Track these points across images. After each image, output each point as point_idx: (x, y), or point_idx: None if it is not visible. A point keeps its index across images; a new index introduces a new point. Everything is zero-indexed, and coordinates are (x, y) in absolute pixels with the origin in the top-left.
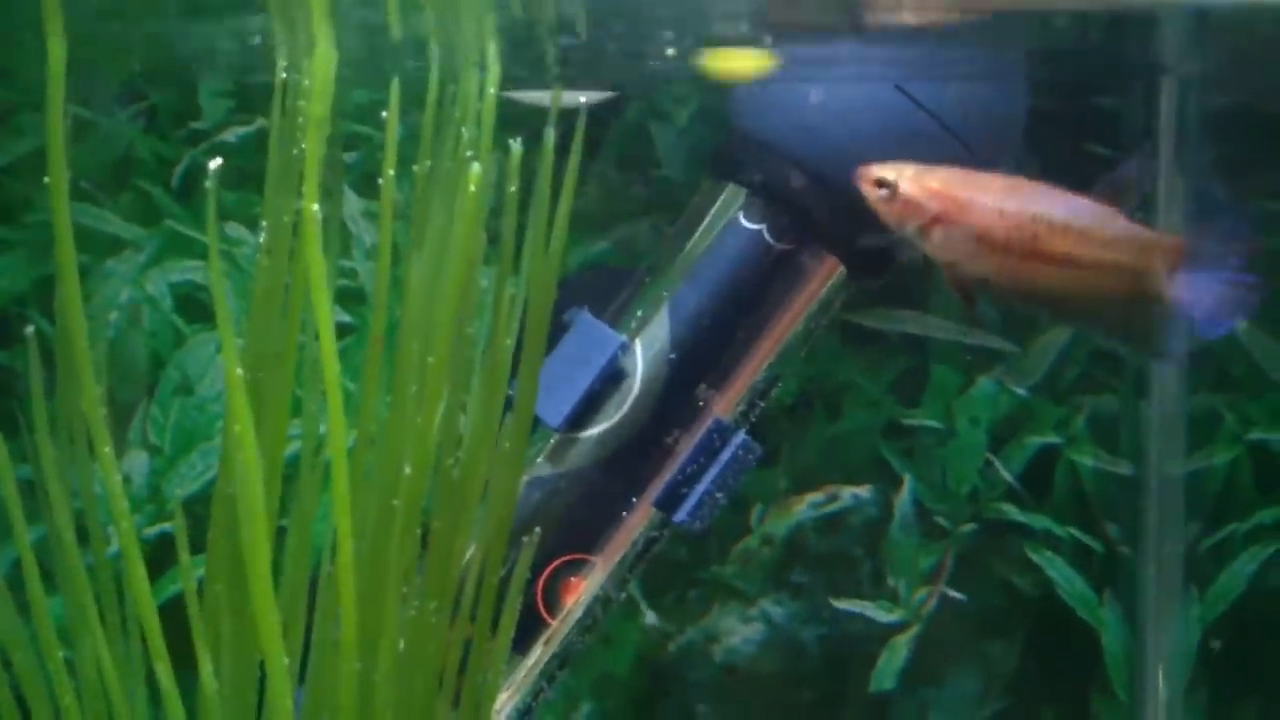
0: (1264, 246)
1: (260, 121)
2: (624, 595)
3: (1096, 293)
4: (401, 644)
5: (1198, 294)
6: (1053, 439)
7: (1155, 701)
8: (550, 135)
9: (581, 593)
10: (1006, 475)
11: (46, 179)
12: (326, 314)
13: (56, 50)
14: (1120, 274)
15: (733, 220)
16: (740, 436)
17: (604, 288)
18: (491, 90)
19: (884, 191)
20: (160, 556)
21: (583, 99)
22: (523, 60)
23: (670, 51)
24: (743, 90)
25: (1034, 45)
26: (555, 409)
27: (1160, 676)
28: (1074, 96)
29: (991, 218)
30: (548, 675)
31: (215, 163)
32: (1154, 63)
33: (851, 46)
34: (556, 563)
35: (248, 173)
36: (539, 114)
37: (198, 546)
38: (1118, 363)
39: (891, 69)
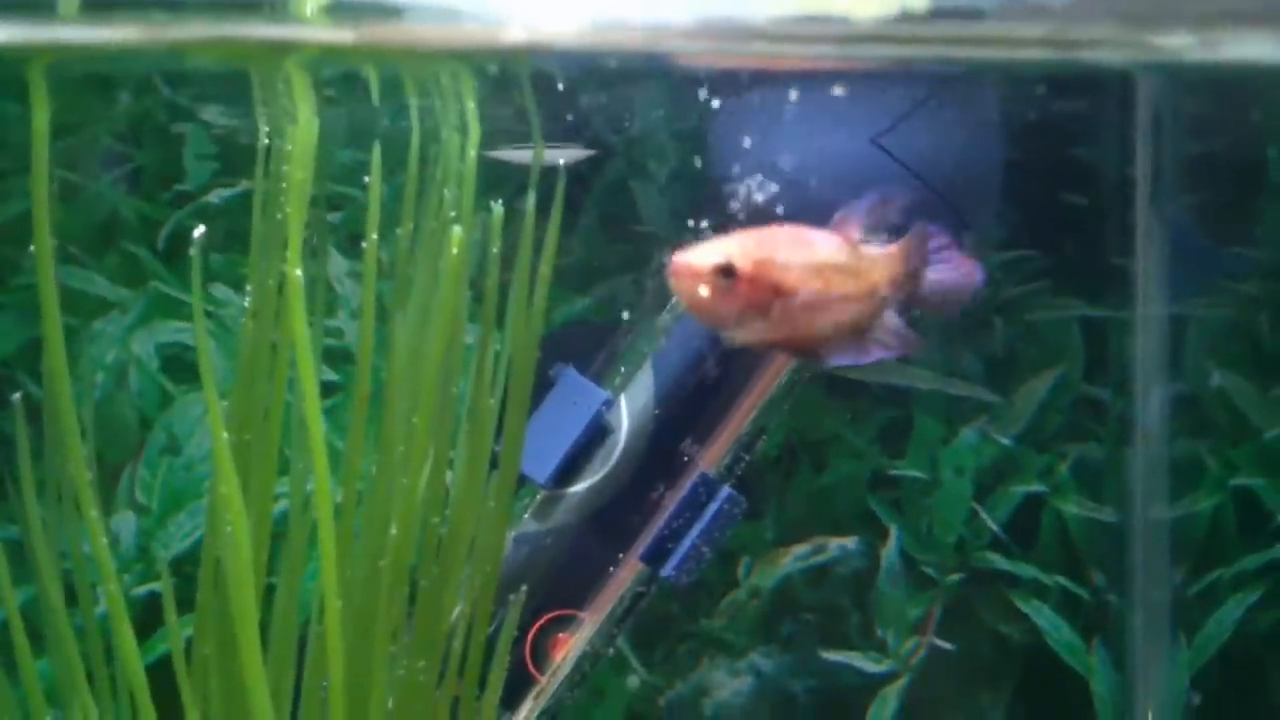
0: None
1: (244, 183)
2: (612, 650)
3: (866, 315)
4: (390, 703)
5: (929, 284)
6: (1037, 487)
7: None
8: (531, 196)
9: (570, 648)
10: (992, 524)
11: (32, 248)
12: (312, 378)
13: (41, 117)
14: (872, 294)
15: None
16: (726, 490)
17: (588, 344)
18: (472, 152)
19: (725, 281)
20: (149, 616)
21: (562, 158)
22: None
23: None
24: (720, 144)
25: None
26: (541, 465)
27: None
28: (1050, 146)
29: (809, 276)
30: None
31: (199, 230)
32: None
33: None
34: (544, 619)
35: (233, 234)
36: (521, 172)
37: (187, 606)
38: (1101, 410)
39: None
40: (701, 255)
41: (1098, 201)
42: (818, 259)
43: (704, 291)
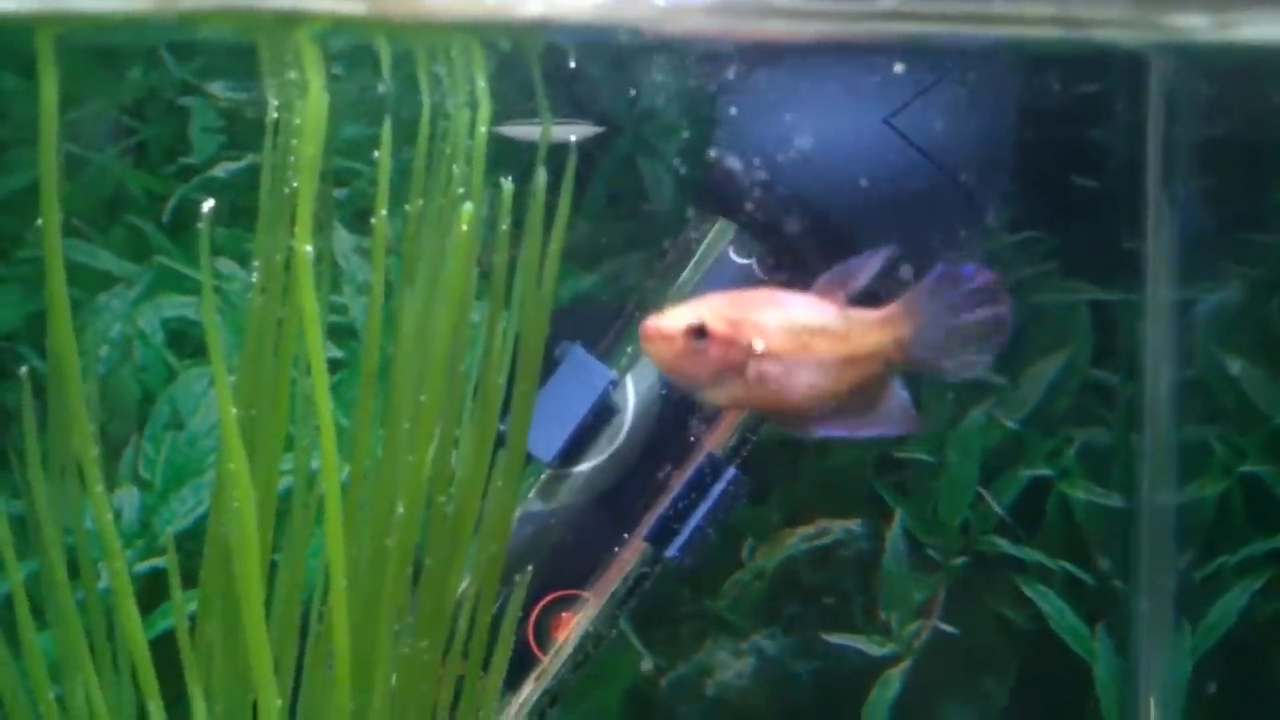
0: (1004, 279)
1: (250, 157)
2: (615, 630)
3: (860, 384)
4: (394, 680)
5: (946, 344)
6: (1044, 471)
7: None
8: (541, 173)
9: (573, 628)
10: (998, 508)
11: (40, 221)
12: (320, 354)
13: (49, 87)
14: (870, 357)
15: (722, 255)
16: (731, 471)
17: (595, 323)
18: (482, 128)
19: (697, 343)
20: (152, 591)
21: (572, 135)
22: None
23: None
24: (730, 124)
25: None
26: (547, 444)
27: (1152, 708)
28: (1061, 128)
29: (784, 337)
30: (539, 711)
31: (208, 204)
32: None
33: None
34: (548, 599)
35: (239, 208)
36: (529, 149)
37: (189, 581)
38: (1109, 395)
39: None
40: (673, 318)
41: (1108, 184)
42: (794, 320)
43: (676, 353)
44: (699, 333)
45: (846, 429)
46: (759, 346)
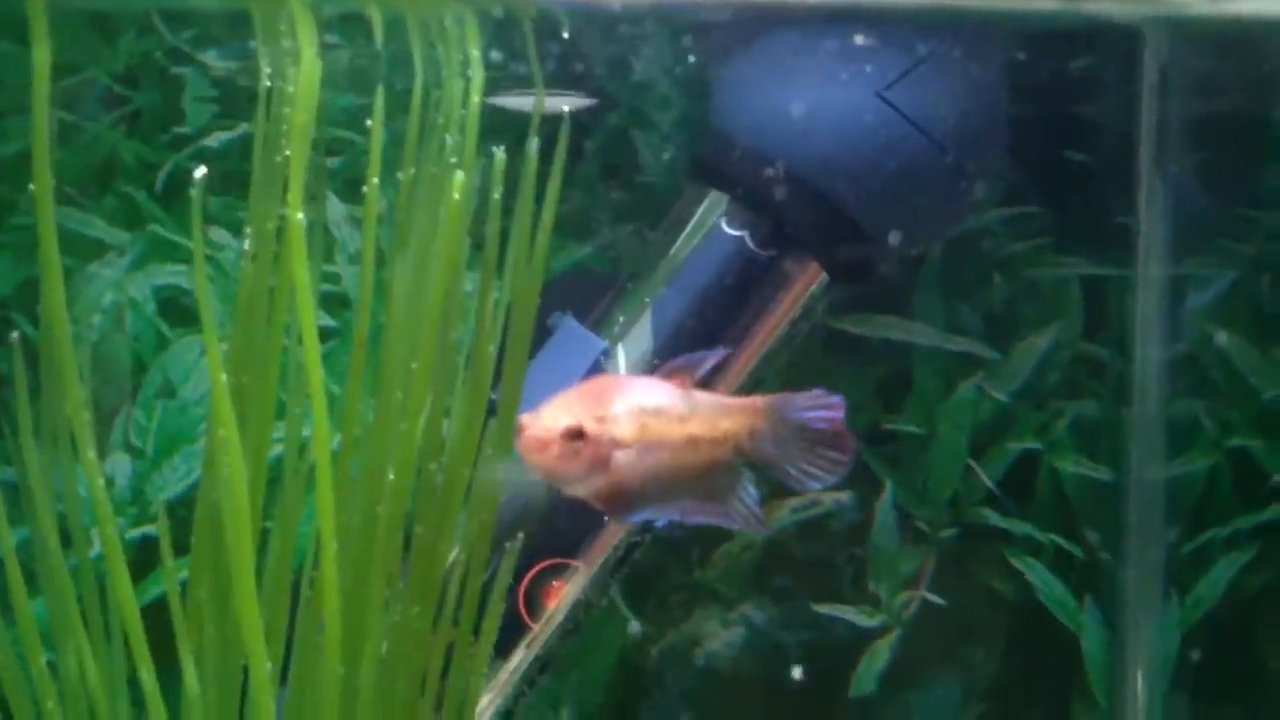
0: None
1: (244, 126)
2: (606, 600)
3: (708, 468)
4: (385, 647)
5: (798, 450)
6: (1033, 445)
7: (1134, 706)
8: (534, 142)
9: (563, 597)
10: (987, 481)
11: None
12: (311, 321)
13: (41, 53)
14: (724, 443)
15: (715, 226)
16: None
17: (587, 293)
18: (475, 97)
19: (576, 443)
20: (143, 559)
21: (565, 106)
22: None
23: None
24: (726, 96)
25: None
26: None
27: (1140, 681)
28: (1054, 102)
29: (648, 424)
30: (529, 679)
31: (200, 171)
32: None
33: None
34: (539, 567)
35: (231, 177)
36: (522, 120)
37: (181, 549)
38: (1099, 369)
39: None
40: (547, 420)
41: (1101, 159)
42: (651, 407)
43: (554, 457)
44: (575, 435)
45: (715, 517)
46: (624, 437)
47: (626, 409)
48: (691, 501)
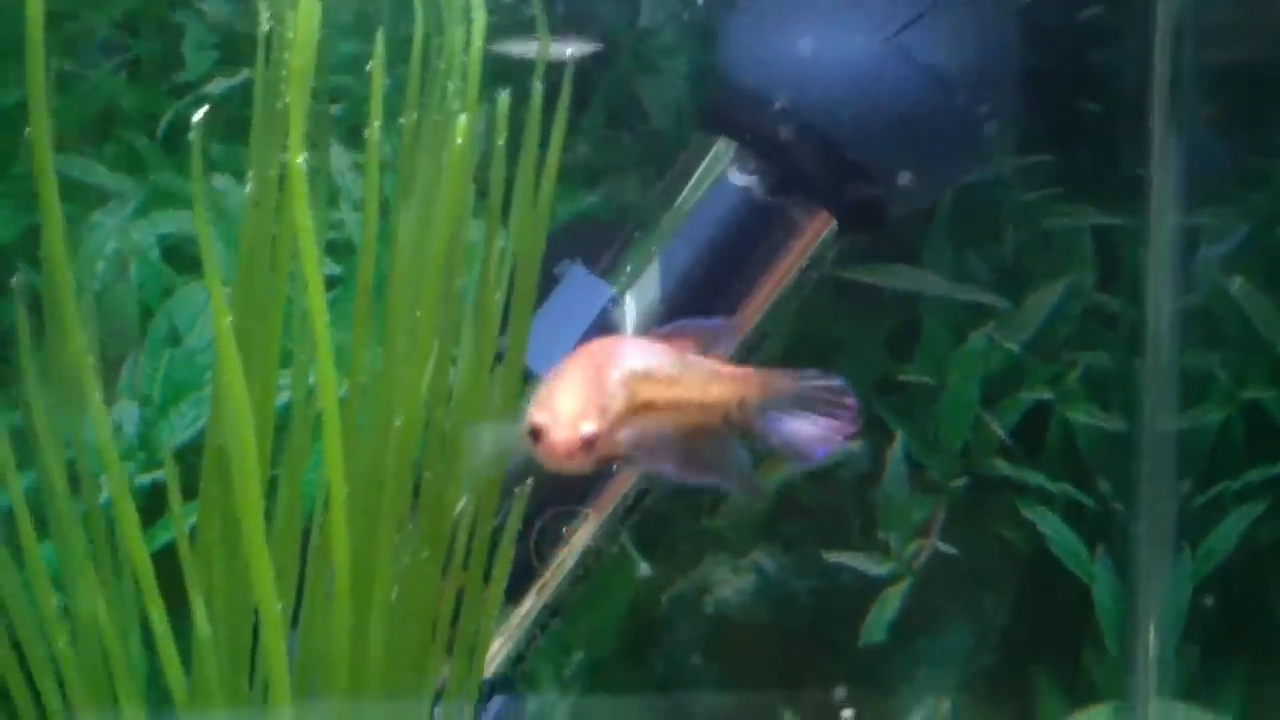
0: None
1: (245, 73)
2: (616, 546)
3: (694, 432)
4: (394, 593)
5: (788, 425)
6: (1046, 395)
7: (1146, 657)
8: (538, 86)
9: (574, 543)
10: (999, 431)
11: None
12: (315, 265)
13: (34, 3)
14: (712, 410)
15: (723, 174)
16: None
17: (594, 242)
18: (478, 41)
19: (592, 447)
20: (152, 505)
21: (569, 51)
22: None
23: None
24: (733, 41)
25: None
26: (546, 360)
27: (1151, 632)
28: (1067, 51)
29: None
30: (540, 624)
31: (200, 113)
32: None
33: None
34: (548, 514)
35: (234, 124)
36: (525, 66)
37: (190, 495)
38: (1112, 320)
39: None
40: (564, 427)
41: (1114, 108)
42: (651, 373)
43: (576, 463)
44: (593, 442)
45: (680, 474)
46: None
47: (620, 379)
48: (680, 463)
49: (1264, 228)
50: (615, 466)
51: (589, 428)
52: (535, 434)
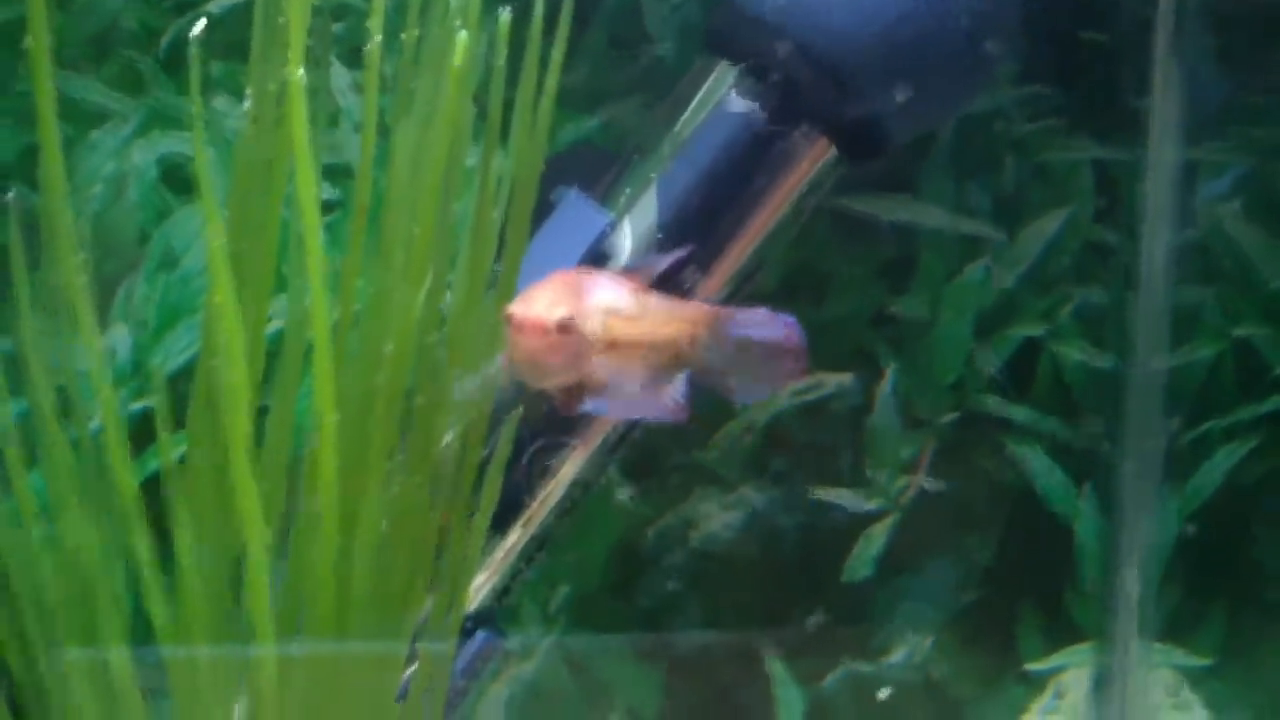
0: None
1: None
2: (604, 479)
3: (650, 371)
4: (384, 524)
5: (737, 362)
6: (1037, 331)
7: (1126, 596)
8: (539, 4)
9: (561, 476)
10: (992, 366)
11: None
12: (310, 183)
13: None
14: (666, 349)
15: (723, 99)
16: None
17: (592, 167)
18: None
19: (566, 335)
20: (144, 431)
21: None
22: None
23: None
24: None
25: None
26: None
27: (1134, 572)
28: None
29: (618, 323)
30: (526, 556)
31: (198, 26)
32: None
33: None
34: (536, 445)
35: (235, 44)
36: None
37: (183, 423)
38: (1107, 254)
39: None
40: (540, 306)
41: (1116, 39)
42: (617, 306)
43: (546, 346)
44: (567, 327)
45: (623, 409)
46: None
47: (596, 305)
48: (626, 398)
49: (1265, 164)
50: (563, 409)
51: (562, 311)
52: (510, 322)
